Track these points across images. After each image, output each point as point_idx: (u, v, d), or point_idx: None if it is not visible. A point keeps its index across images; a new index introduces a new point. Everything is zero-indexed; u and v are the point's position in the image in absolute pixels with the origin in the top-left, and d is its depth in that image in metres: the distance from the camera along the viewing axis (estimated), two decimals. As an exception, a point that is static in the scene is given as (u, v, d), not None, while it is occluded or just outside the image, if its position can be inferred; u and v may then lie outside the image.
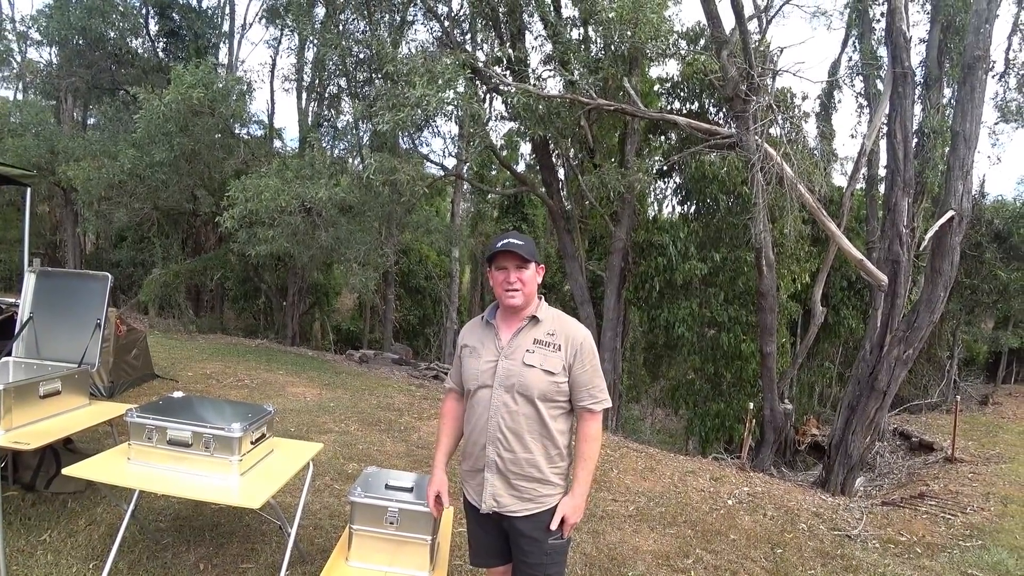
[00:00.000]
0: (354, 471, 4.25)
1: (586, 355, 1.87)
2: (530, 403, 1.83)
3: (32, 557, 2.67)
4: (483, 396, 1.88)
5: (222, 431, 2.21)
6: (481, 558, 2.06)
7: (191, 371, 7.14)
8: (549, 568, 1.86)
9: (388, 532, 2.13)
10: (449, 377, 2.15)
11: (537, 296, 1.96)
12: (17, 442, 2.47)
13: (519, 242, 1.85)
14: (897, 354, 6.53)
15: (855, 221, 12.39)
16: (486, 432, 1.86)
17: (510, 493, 1.85)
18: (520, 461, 1.83)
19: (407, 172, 6.68)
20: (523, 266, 1.86)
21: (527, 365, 1.83)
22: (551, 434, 1.85)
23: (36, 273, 3.38)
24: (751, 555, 3.69)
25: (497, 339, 1.91)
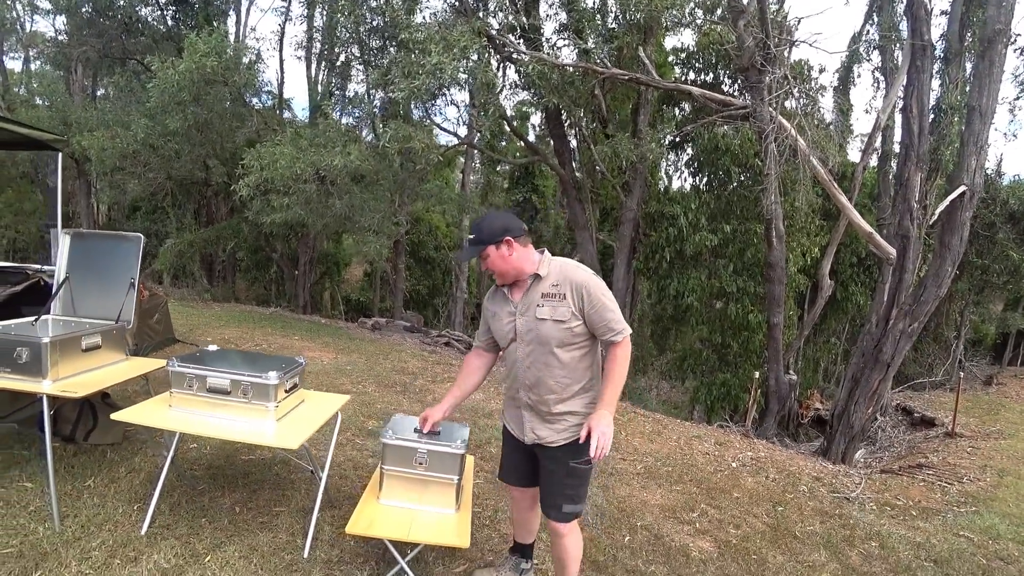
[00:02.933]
0: (374, 427, 4.44)
1: (592, 295, 2.00)
2: (549, 351, 2.04)
3: (79, 500, 2.87)
4: (512, 349, 2.14)
5: (259, 379, 2.36)
6: (508, 476, 2.36)
7: (210, 336, 7.33)
8: (568, 489, 2.09)
9: (417, 472, 2.31)
10: (476, 336, 2.39)
11: (538, 252, 2.13)
12: (65, 391, 2.63)
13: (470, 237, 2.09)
14: (903, 327, 6.59)
15: (867, 197, 12.32)
16: (518, 379, 2.13)
17: (546, 427, 2.11)
18: (548, 401, 2.07)
19: (422, 140, 6.72)
20: (484, 257, 2.05)
21: (539, 319, 2.04)
22: (573, 373, 2.06)
23: (71, 235, 3.51)
24: (753, 511, 3.86)
25: (511, 302, 2.13)
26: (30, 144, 4.10)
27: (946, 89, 8.88)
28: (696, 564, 3.02)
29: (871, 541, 3.56)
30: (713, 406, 10.89)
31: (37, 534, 2.50)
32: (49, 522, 2.59)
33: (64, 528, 2.57)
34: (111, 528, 2.61)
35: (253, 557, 2.50)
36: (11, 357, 2.65)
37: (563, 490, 2.09)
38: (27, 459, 3.24)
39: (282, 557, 2.53)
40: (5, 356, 2.66)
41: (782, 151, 6.13)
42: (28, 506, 2.73)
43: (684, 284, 10.57)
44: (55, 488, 2.64)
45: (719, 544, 3.29)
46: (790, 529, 3.62)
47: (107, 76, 15.76)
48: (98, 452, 3.45)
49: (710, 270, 10.89)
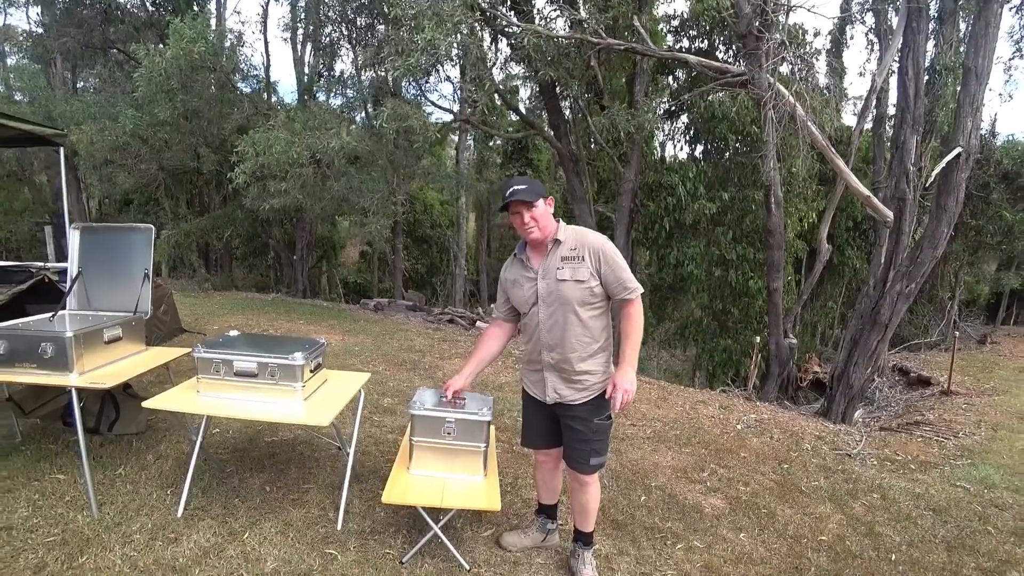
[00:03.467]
0: (389, 405, 4.54)
1: (607, 256, 2.15)
2: (570, 311, 2.16)
3: (112, 487, 2.96)
4: (533, 312, 2.25)
5: (286, 360, 2.43)
6: (532, 440, 2.48)
7: (216, 324, 7.39)
8: (594, 444, 2.24)
9: (445, 442, 2.41)
10: (495, 308, 2.48)
11: (556, 220, 2.27)
12: (93, 383, 2.69)
13: (522, 187, 2.15)
14: (900, 288, 6.68)
15: (862, 161, 12.32)
16: (540, 340, 2.24)
17: (567, 386, 2.23)
18: (570, 359, 2.20)
19: (419, 118, 6.68)
20: (532, 206, 2.14)
21: (560, 280, 2.15)
22: (592, 332, 2.19)
23: (80, 229, 3.53)
24: (760, 469, 3.99)
25: (530, 267, 2.25)
26: (30, 140, 4.07)
27: (941, 50, 8.80)
28: (710, 519, 3.14)
29: (873, 493, 3.70)
30: (715, 372, 11.07)
31: (77, 522, 2.60)
32: (87, 510, 2.68)
33: (103, 515, 2.66)
34: (148, 512, 2.71)
35: (289, 532, 2.60)
36: (36, 353, 2.71)
37: (589, 445, 2.25)
38: (55, 452, 3.33)
39: (317, 531, 2.63)
40: (30, 352, 2.71)
41: (780, 117, 6.12)
42: (64, 496, 2.82)
43: (684, 253, 10.64)
44: (90, 477, 2.73)
45: (730, 500, 3.42)
46: (796, 485, 3.75)
47: (88, 67, 15.43)
48: (124, 442, 3.53)
49: (709, 238, 10.95)
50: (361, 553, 2.49)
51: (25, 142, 4.22)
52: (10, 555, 2.34)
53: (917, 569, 2.80)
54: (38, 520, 2.60)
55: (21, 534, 2.48)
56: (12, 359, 2.72)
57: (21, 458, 3.21)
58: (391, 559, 2.46)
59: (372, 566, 2.41)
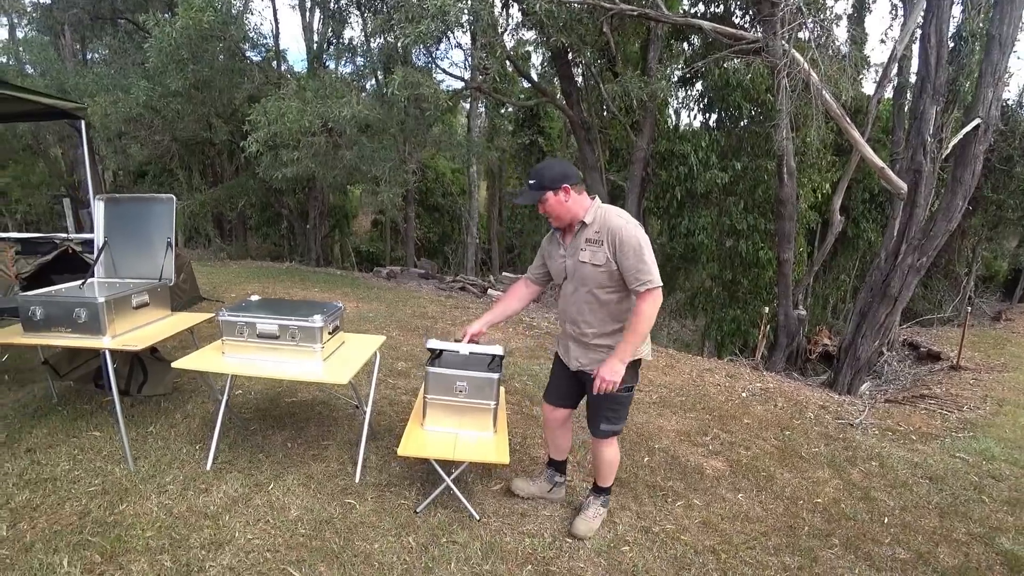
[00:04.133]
0: (403, 368, 4.71)
1: (624, 243, 2.14)
2: (589, 290, 2.28)
3: (145, 443, 3.15)
4: (564, 285, 2.41)
5: (306, 322, 2.56)
6: (550, 397, 2.63)
7: (233, 292, 7.58)
8: (606, 412, 2.40)
9: (457, 400, 2.56)
10: (530, 268, 2.63)
11: (590, 198, 2.29)
12: (125, 345, 2.85)
13: (528, 184, 2.22)
14: (911, 262, 6.64)
15: (882, 132, 12.05)
16: (566, 312, 2.40)
17: (587, 356, 2.38)
18: (587, 333, 2.34)
19: (430, 86, 6.67)
20: (541, 202, 2.22)
21: (581, 262, 2.26)
22: (610, 311, 2.29)
23: (105, 200, 3.65)
24: (762, 435, 4.10)
25: (561, 244, 2.37)
26: (52, 114, 4.16)
27: (968, 15, 8.48)
28: (710, 480, 3.28)
29: (871, 461, 3.78)
30: (723, 342, 11.14)
31: (115, 474, 2.79)
32: (123, 463, 2.88)
33: (138, 468, 2.86)
34: (179, 466, 2.90)
35: (311, 484, 2.78)
36: (71, 318, 2.87)
37: (603, 412, 2.40)
38: (89, 412, 3.53)
39: (336, 483, 2.81)
40: (65, 317, 2.87)
41: (794, 86, 6.03)
42: (101, 451, 3.02)
43: (695, 222, 10.60)
44: (125, 433, 2.92)
45: (731, 463, 3.55)
46: (796, 451, 3.86)
47: (97, 38, 15.37)
48: (152, 402, 3.73)
49: (720, 208, 10.88)
50: (378, 503, 2.67)
51: (47, 116, 4.31)
52: (57, 503, 2.54)
53: (908, 532, 2.89)
54: (79, 472, 2.80)
55: (65, 484, 2.68)
56: (48, 324, 2.88)
57: (59, 417, 3.42)
58: (406, 509, 2.64)
59: (389, 515, 2.58)
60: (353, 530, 2.46)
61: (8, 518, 2.41)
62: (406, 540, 2.42)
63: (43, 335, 2.87)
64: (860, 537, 2.80)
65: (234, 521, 2.46)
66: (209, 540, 2.33)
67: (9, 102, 3.77)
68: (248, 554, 2.26)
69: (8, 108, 4.15)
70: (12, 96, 3.57)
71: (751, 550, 2.61)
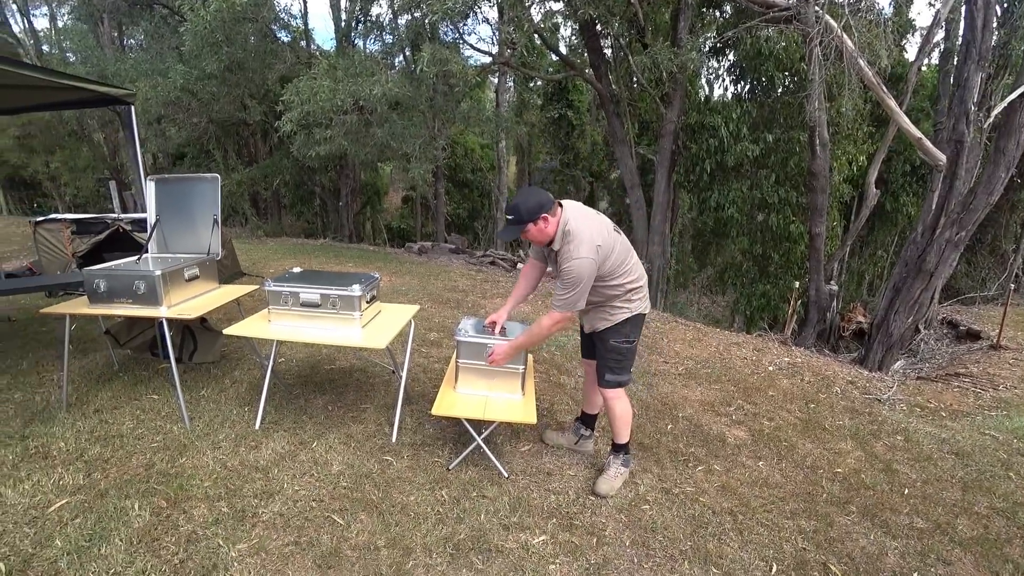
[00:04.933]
0: (435, 338, 4.90)
1: (565, 265, 2.40)
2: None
3: (198, 405, 3.41)
4: None
5: (345, 291, 2.74)
6: (584, 353, 2.98)
7: (272, 268, 7.88)
8: (609, 362, 2.66)
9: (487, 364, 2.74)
10: (531, 249, 2.85)
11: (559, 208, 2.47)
12: (181, 314, 3.08)
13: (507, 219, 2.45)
14: (949, 236, 6.43)
15: (926, 100, 11.56)
16: None
17: (590, 322, 2.72)
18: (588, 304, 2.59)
19: (457, 62, 6.71)
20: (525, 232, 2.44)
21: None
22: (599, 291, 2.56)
23: (155, 181, 3.88)
24: (787, 407, 4.14)
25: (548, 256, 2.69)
26: (104, 101, 4.39)
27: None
28: (731, 448, 3.37)
29: (896, 435, 3.76)
30: (753, 317, 11.05)
31: (173, 432, 3.05)
32: (181, 423, 3.14)
33: (194, 427, 3.11)
34: (231, 425, 3.14)
35: (351, 443, 3.00)
36: (130, 289, 3.11)
37: (606, 363, 2.65)
38: (147, 378, 3.82)
39: (374, 442, 3.02)
40: (125, 289, 3.11)
41: (827, 54, 5.86)
42: (160, 412, 3.29)
43: (725, 196, 10.44)
44: (182, 396, 3.18)
45: (753, 433, 3.62)
46: (820, 423, 3.88)
47: (134, 24, 15.76)
48: (202, 369, 4.00)
49: (751, 181, 10.68)
50: (413, 460, 2.86)
51: (99, 103, 4.55)
52: (125, 456, 2.81)
53: (928, 504, 2.90)
54: (142, 430, 3.07)
55: (131, 441, 2.95)
56: (111, 295, 3.13)
57: (120, 383, 3.71)
58: (439, 466, 2.83)
59: (423, 471, 2.77)
60: (391, 484, 2.66)
61: (84, 468, 2.68)
62: (439, 493, 2.61)
63: (106, 306, 3.12)
64: (878, 506, 2.84)
65: (282, 474, 2.69)
66: (261, 490, 2.56)
67: (65, 91, 4.01)
68: (296, 503, 2.48)
69: (62, 96, 4.40)
70: (69, 85, 3.80)
71: (768, 513, 2.70)
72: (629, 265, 2.56)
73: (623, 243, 2.56)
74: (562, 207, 2.46)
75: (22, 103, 4.90)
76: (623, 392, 2.72)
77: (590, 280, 2.40)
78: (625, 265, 2.53)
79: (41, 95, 4.37)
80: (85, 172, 18.73)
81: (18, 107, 5.24)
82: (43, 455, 2.79)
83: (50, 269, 6.03)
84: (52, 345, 4.41)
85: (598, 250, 2.38)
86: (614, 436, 2.81)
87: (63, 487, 2.53)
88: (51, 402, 3.39)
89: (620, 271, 2.51)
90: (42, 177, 20.52)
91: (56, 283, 4.51)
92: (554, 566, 2.23)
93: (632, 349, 2.67)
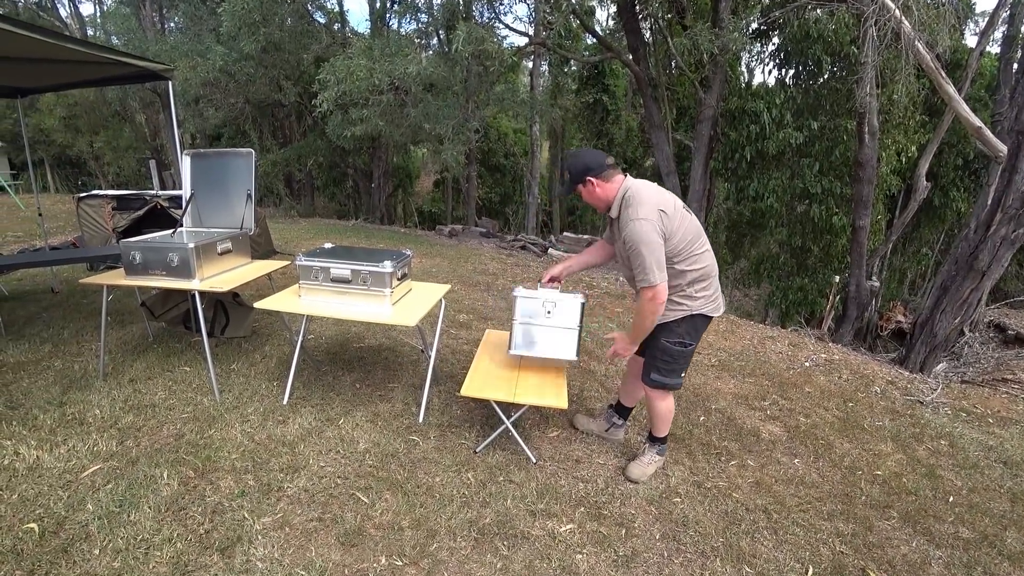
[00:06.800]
0: (465, 320, 4.87)
1: (629, 246, 2.22)
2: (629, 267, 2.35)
3: (228, 378, 3.45)
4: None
5: (376, 268, 2.71)
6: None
7: (304, 247, 7.96)
8: (657, 361, 2.50)
9: (545, 323, 2.70)
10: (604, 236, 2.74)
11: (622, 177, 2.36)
12: (213, 287, 3.09)
13: (561, 178, 2.34)
14: (1005, 233, 6.11)
15: (983, 90, 10.94)
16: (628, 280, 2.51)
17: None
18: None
19: (493, 41, 6.60)
20: (576, 193, 2.37)
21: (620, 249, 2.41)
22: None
23: (191, 155, 3.90)
24: (824, 405, 3.98)
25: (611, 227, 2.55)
26: (144, 76, 4.44)
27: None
28: (766, 443, 3.25)
29: (940, 440, 3.58)
30: (788, 311, 10.72)
31: (204, 404, 3.09)
32: (211, 396, 3.17)
33: (223, 399, 3.14)
34: (260, 399, 3.16)
35: (377, 421, 2.98)
36: (165, 262, 3.13)
37: (654, 362, 2.50)
38: (180, 350, 3.88)
39: (401, 421, 3.00)
40: (159, 262, 3.14)
41: (883, 36, 5.54)
42: (191, 384, 3.34)
43: (764, 185, 10.08)
44: (212, 369, 3.21)
45: (788, 429, 3.48)
46: (859, 423, 3.72)
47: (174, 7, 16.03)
48: (233, 344, 4.05)
49: (793, 170, 10.30)
50: (440, 441, 2.83)
51: (139, 78, 4.60)
52: (156, 425, 2.84)
53: (974, 513, 2.75)
54: (174, 401, 3.11)
55: (162, 411, 2.99)
56: (146, 268, 3.16)
57: (154, 354, 3.78)
58: (466, 448, 2.79)
59: (449, 452, 2.74)
60: (416, 464, 2.63)
61: (117, 436, 2.72)
62: (465, 476, 2.57)
63: (142, 277, 3.16)
64: (921, 512, 2.70)
65: (308, 450, 2.68)
66: (287, 464, 2.56)
67: (107, 66, 4.06)
68: (321, 479, 2.47)
69: (105, 72, 4.47)
70: (110, 60, 3.84)
71: (804, 513, 2.59)
72: (698, 252, 2.32)
73: (694, 224, 2.33)
74: (625, 175, 2.35)
75: (67, 79, 4.99)
76: (669, 393, 2.59)
77: (658, 246, 2.16)
78: (692, 249, 2.29)
79: (85, 71, 4.44)
80: (127, 152, 19.28)
81: (64, 83, 5.34)
82: (79, 421, 2.85)
83: (92, 243, 6.20)
84: (93, 316, 4.52)
85: (662, 216, 2.19)
86: (652, 429, 2.72)
87: (97, 453, 2.57)
88: (89, 371, 3.47)
89: (685, 254, 2.28)
90: (87, 157, 21.19)
91: (95, 255, 4.62)
92: (581, 556, 2.17)
93: (685, 353, 2.45)
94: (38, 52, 3.75)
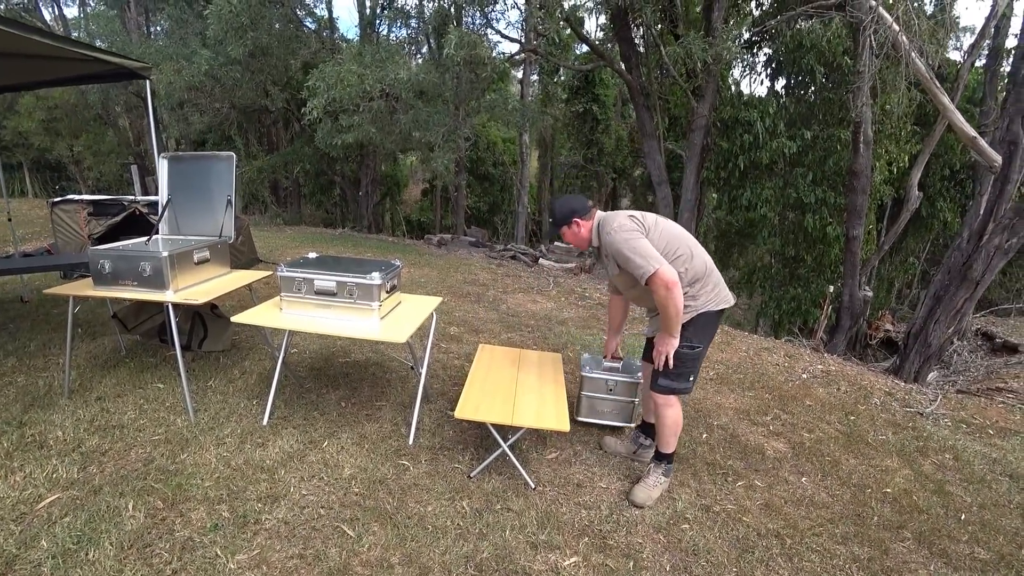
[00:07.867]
0: (456, 333, 4.68)
1: (619, 253, 2.30)
2: (628, 288, 2.54)
3: (205, 396, 3.23)
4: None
5: (364, 279, 2.52)
6: (646, 354, 2.88)
7: (289, 256, 7.73)
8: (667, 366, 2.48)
9: (608, 396, 3.05)
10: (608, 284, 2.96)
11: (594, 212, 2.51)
12: (187, 299, 2.89)
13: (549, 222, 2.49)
14: (998, 243, 6.12)
15: (968, 102, 11.06)
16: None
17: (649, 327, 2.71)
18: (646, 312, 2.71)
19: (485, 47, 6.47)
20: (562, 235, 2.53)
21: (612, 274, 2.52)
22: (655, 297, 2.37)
23: (168, 158, 3.70)
24: (825, 418, 3.87)
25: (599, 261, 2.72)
26: (120, 74, 4.24)
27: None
28: (772, 461, 3.11)
29: (945, 453, 3.51)
30: (781, 321, 10.66)
31: (176, 425, 2.88)
32: (185, 415, 2.96)
33: (198, 420, 2.93)
34: (237, 419, 2.96)
35: (364, 444, 2.78)
36: (136, 271, 2.93)
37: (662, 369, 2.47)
38: (154, 365, 3.65)
39: (389, 444, 2.80)
40: (131, 271, 2.94)
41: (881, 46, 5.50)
42: (164, 402, 3.12)
43: (757, 195, 10.03)
44: (187, 386, 3.00)
45: (793, 445, 3.35)
46: (862, 437, 3.63)
47: (159, 10, 15.78)
48: (212, 358, 3.83)
49: (786, 179, 10.27)
50: (432, 466, 2.64)
51: (115, 77, 4.39)
52: (123, 449, 2.63)
53: (988, 531, 2.67)
54: (144, 421, 2.89)
55: (131, 432, 2.78)
56: (116, 277, 2.95)
57: (125, 369, 3.55)
58: (460, 473, 2.60)
59: (442, 478, 2.55)
60: (407, 491, 2.44)
61: (79, 461, 2.51)
62: (460, 504, 2.39)
63: (111, 288, 2.95)
64: (934, 532, 2.60)
65: (289, 476, 2.49)
66: (265, 493, 2.36)
67: (81, 62, 3.85)
68: (303, 509, 2.28)
69: (81, 69, 4.25)
70: (84, 56, 3.63)
71: (817, 537, 2.45)
72: (682, 251, 2.35)
73: (670, 225, 2.43)
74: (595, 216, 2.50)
75: (39, 76, 4.76)
76: (676, 400, 2.52)
77: (640, 236, 2.28)
78: (675, 246, 2.35)
79: (59, 67, 4.21)
80: (109, 157, 18.86)
81: (36, 81, 5.10)
82: (39, 444, 2.63)
83: (66, 250, 5.95)
84: (62, 328, 4.28)
85: (631, 219, 2.35)
86: (658, 444, 2.60)
87: (56, 481, 2.36)
88: (53, 387, 3.24)
89: (672, 255, 2.32)
90: (66, 161, 20.72)
91: (67, 263, 4.39)
92: (586, 593, 1.99)
93: (694, 356, 2.43)
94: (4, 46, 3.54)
